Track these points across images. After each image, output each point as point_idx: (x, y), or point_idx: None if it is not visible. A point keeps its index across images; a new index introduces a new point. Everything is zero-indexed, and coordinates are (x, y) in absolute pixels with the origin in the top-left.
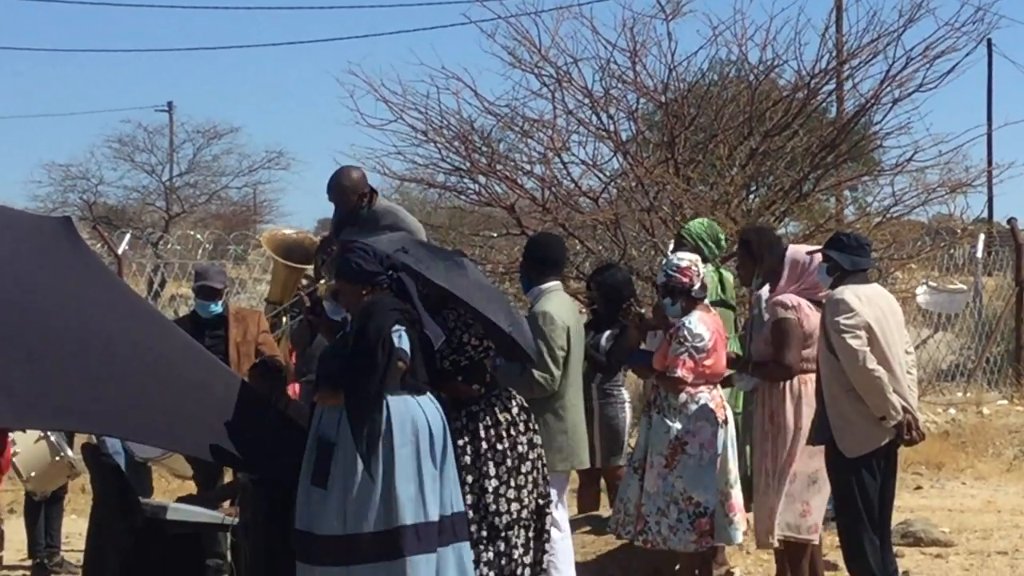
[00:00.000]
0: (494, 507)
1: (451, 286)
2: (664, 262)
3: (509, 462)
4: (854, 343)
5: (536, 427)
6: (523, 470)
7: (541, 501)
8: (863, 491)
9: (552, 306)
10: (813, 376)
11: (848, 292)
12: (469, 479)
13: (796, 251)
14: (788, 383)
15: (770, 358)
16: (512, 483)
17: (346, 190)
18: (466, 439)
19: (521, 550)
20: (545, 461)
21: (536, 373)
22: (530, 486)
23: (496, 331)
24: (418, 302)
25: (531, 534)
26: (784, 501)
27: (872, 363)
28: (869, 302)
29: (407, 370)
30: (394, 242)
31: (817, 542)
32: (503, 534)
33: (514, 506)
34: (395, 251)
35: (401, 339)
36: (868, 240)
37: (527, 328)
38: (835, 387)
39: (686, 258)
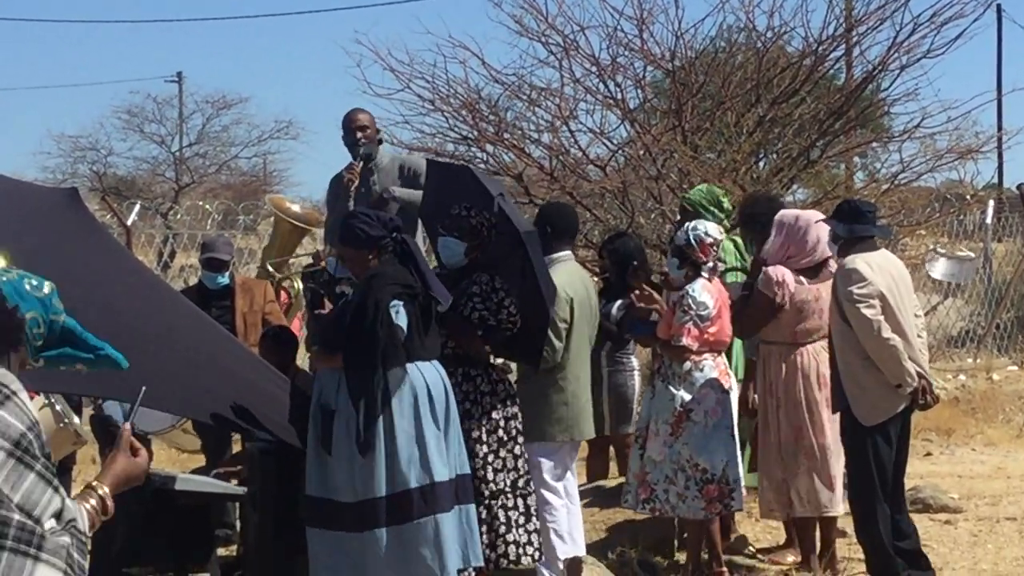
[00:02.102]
0: (482, 473)
1: (531, 250)
2: (691, 225)
3: (501, 433)
4: (868, 312)
5: (518, 402)
6: (519, 441)
7: (523, 479)
8: (878, 459)
9: (558, 278)
10: (810, 348)
11: (859, 261)
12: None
13: (784, 214)
14: (785, 357)
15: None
16: (501, 453)
17: (349, 122)
18: (458, 399)
19: (504, 524)
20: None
21: None
22: (522, 460)
23: (537, 314)
24: (424, 264)
25: (520, 511)
26: (805, 476)
27: (887, 332)
28: (880, 270)
29: (406, 338)
30: (497, 187)
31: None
32: (487, 502)
33: (501, 476)
34: (497, 194)
35: (398, 315)
36: (871, 207)
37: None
38: (850, 355)
39: (712, 235)
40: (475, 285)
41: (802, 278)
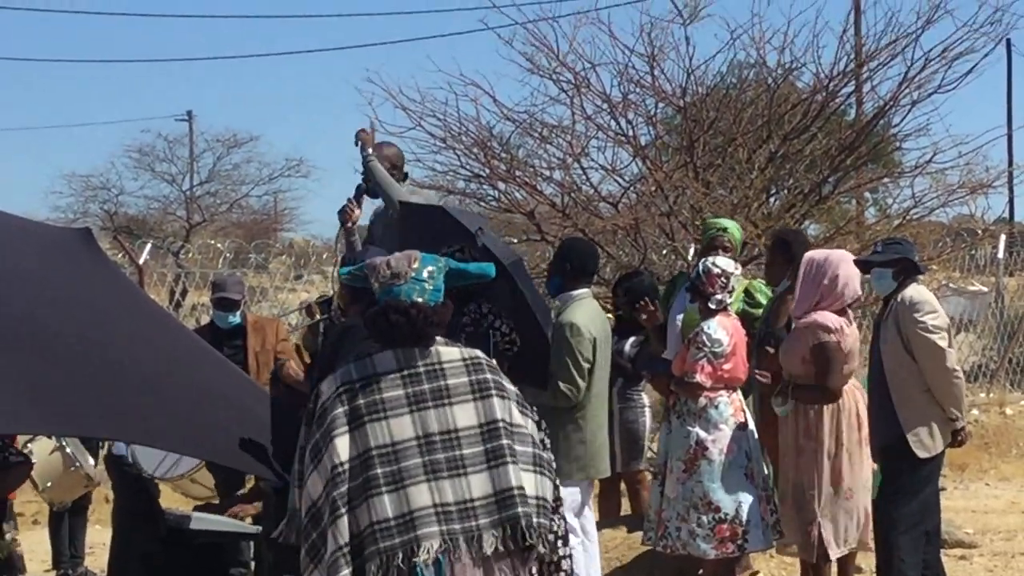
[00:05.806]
0: None
1: (521, 283)
2: (703, 260)
3: None
4: (942, 344)
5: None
6: None
7: None
8: (928, 494)
9: (580, 317)
10: (847, 388)
11: (927, 292)
12: None
13: (813, 255)
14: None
15: (810, 380)
16: None
17: None
18: None
19: None
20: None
21: (561, 384)
22: None
23: (535, 337)
24: None
25: None
26: (843, 516)
27: (955, 364)
28: (939, 304)
29: None
30: (476, 220)
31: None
32: None
33: None
34: (476, 229)
35: None
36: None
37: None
38: (912, 389)
39: (720, 266)
40: (464, 316)
41: (848, 323)
